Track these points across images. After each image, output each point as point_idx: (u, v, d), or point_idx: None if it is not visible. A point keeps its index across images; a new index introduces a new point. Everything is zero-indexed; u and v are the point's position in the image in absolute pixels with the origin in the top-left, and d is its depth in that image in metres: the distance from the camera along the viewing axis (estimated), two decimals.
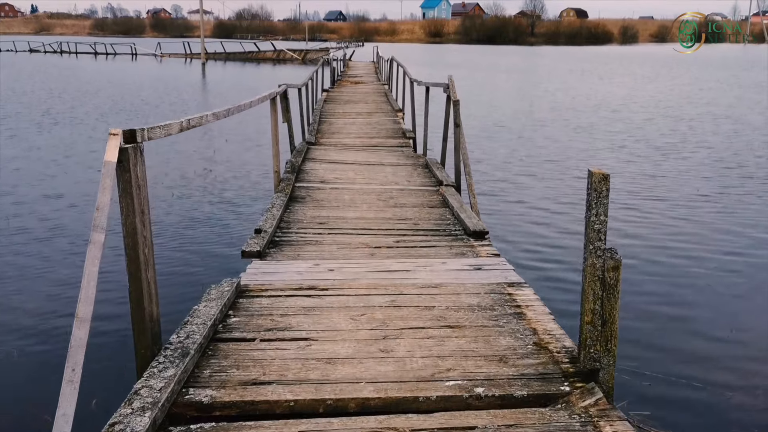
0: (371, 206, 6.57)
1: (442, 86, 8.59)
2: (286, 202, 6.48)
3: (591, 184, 2.60)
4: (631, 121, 19.00)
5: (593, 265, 2.63)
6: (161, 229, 8.14)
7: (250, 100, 5.77)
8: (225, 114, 4.62)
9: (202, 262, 7.03)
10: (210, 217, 8.96)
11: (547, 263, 7.13)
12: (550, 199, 10.07)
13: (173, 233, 8.07)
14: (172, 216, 8.90)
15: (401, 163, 9.05)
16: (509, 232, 8.24)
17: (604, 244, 2.61)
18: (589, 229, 2.62)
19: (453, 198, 6.69)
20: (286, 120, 9.64)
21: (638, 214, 9.20)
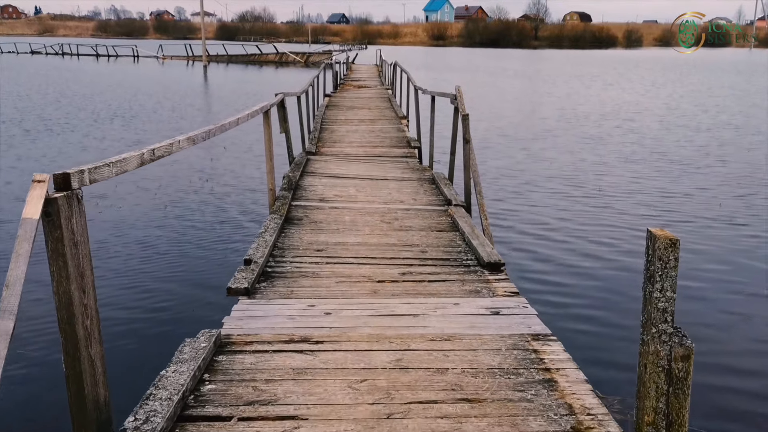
0: (374, 229, 5.99)
1: (449, 97, 8.03)
2: (281, 225, 5.90)
3: (654, 251, 2.02)
4: (644, 131, 18.07)
5: (656, 353, 2.06)
6: (144, 255, 7.53)
7: (237, 117, 5.18)
8: (204, 136, 4.04)
9: (184, 298, 6.34)
10: (200, 239, 8.26)
11: (568, 298, 6.45)
12: (566, 220, 9.32)
13: (158, 260, 7.40)
14: (160, 238, 8.25)
15: (406, 178, 8.47)
16: (523, 259, 7.55)
17: (670, 327, 2.03)
18: (650, 307, 2.04)
19: (463, 221, 6.11)
20: (283, 130, 9.10)
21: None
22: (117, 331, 5.42)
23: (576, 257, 7.69)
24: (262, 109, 6.37)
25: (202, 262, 7.30)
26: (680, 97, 28.32)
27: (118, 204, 9.85)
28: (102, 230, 8.41)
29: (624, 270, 7.26)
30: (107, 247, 7.76)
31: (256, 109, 6.12)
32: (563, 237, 8.42)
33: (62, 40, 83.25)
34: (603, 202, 10.23)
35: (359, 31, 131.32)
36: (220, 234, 8.47)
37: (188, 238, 8.24)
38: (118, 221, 8.95)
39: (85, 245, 2.27)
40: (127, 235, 8.30)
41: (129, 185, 10.88)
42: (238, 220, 9.15)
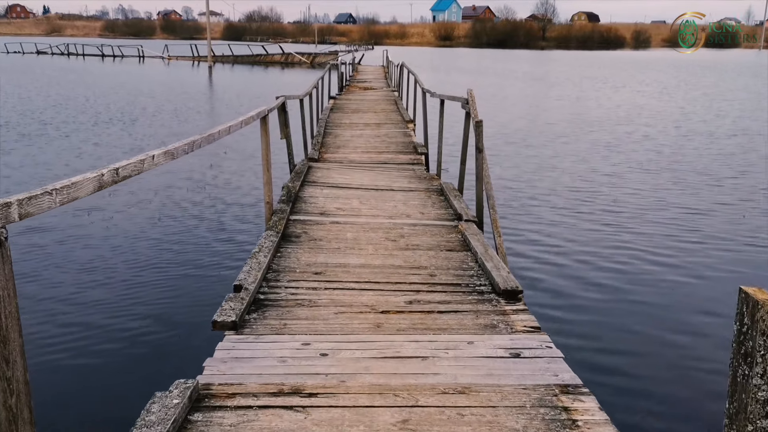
0: (378, 248, 5.50)
1: (460, 101, 7.54)
2: (277, 243, 5.42)
3: (754, 322, 1.52)
4: (661, 137, 17.28)
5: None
6: (127, 278, 6.93)
7: (229, 124, 4.70)
8: (186, 149, 3.56)
9: (168, 331, 5.71)
10: (191, 259, 7.60)
11: (594, 332, 5.88)
12: (582, 237, 8.61)
13: (141, 285, 6.75)
14: (148, 257, 7.62)
15: (413, 188, 7.98)
16: (539, 283, 6.95)
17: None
18: (744, 395, 1.54)
19: (475, 239, 5.62)
20: (284, 136, 8.65)
21: (705, 259, 7.95)
22: (82, 384, 4.90)
23: (598, 279, 7.13)
24: (258, 114, 5.90)
25: (192, 287, 6.73)
26: (695, 100, 27.60)
27: (107, 216, 9.29)
28: (86, 247, 7.88)
29: (650, 296, 6.73)
30: (85, 267, 7.21)
31: (252, 114, 5.64)
32: (580, 256, 7.84)
33: (68, 40, 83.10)
34: (621, 218, 9.60)
35: (366, 32, 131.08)
36: (214, 252, 7.87)
37: (178, 258, 7.64)
38: (105, 236, 8.37)
39: (10, 302, 1.80)
40: (114, 253, 7.75)
41: (123, 194, 10.43)
42: (234, 236, 8.57)
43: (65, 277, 6.95)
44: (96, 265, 7.29)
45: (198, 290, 6.61)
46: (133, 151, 13.98)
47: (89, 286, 6.69)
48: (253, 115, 5.60)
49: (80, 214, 9.20)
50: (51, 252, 7.68)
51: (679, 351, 5.56)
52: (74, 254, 7.66)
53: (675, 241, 8.47)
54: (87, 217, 9.15)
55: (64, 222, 8.88)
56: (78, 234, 8.43)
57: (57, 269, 7.14)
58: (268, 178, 6.16)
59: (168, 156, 3.22)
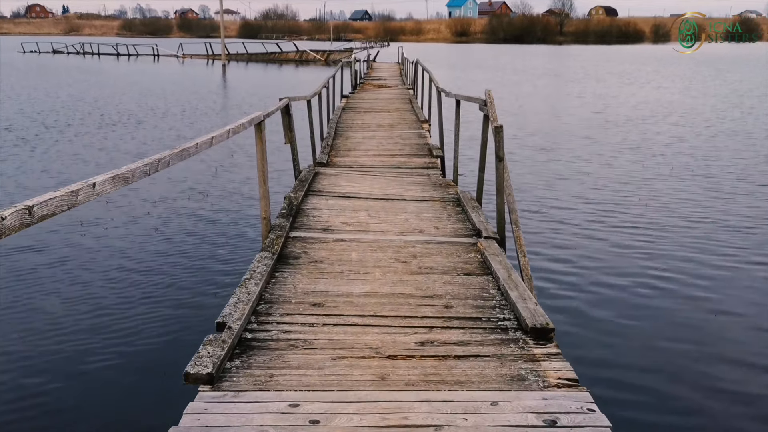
0: (386, 272, 4.86)
1: (478, 102, 6.88)
2: (272, 267, 4.80)
3: None
4: (694, 139, 16.13)
5: None
6: (98, 305, 6.15)
7: (212, 135, 4.06)
8: (148, 169, 2.94)
9: (134, 388, 4.82)
10: (177, 288, 6.66)
11: (641, 383, 5.05)
12: (615, 258, 7.64)
13: (115, 322, 5.84)
14: (129, 279, 6.84)
15: (427, 197, 7.32)
16: (569, 311, 6.13)
17: None
18: None
19: (497, 260, 4.95)
20: (289, 140, 8.06)
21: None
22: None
23: (635, 303, 6.39)
24: (251, 121, 5.27)
25: (175, 320, 5.92)
26: (725, 97, 26.34)
27: (96, 230, 8.57)
28: (66, 268, 7.15)
29: (703, 327, 5.99)
30: (59, 291, 6.49)
31: (243, 122, 5.01)
32: (611, 276, 7.05)
33: (84, 40, 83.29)
34: (654, 230, 8.71)
35: (381, 28, 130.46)
36: (206, 276, 7.00)
37: (166, 281, 6.80)
38: (91, 255, 7.59)
39: None
40: (93, 274, 6.98)
41: (127, 197, 9.88)
42: (232, 255, 7.76)
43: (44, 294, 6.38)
44: (69, 291, 6.53)
45: (182, 324, 5.86)
46: (128, 157, 13.44)
47: (54, 319, 5.91)
48: (245, 123, 4.97)
49: (71, 227, 8.63)
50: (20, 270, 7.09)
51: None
52: (50, 275, 7.03)
53: (718, 256, 7.72)
54: (79, 231, 8.55)
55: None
56: (58, 252, 7.72)
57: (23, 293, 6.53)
58: (265, 192, 5.54)
59: (118, 182, 2.60)
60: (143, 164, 2.88)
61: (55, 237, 8.16)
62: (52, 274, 6.97)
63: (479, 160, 6.95)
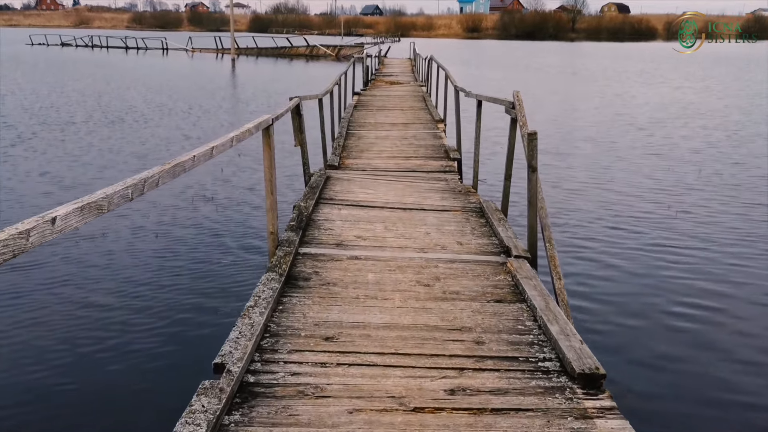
0: (407, 297, 4.33)
1: (504, 104, 6.34)
2: (280, 290, 4.28)
3: None
4: (725, 143, 15.16)
5: None
6: (79, 335, 5.46)
7: (212, 144, 3.53)
8: (131, 193, 2.42)
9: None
10: (173, 317, 5.90)
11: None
12: (651, 276, 6.98)
13: (103, 345, 5.30)
14: (124, 303, 6.13)
15: (447, 207, 6.78)
16: (614, 352, 5.37)
17: None
18: None
19: (531, 285, 4.41)
20: (299, 143, 7.56)
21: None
22: None
23: (692, 340, 5.74)
24: (259, 126, 4.75)
25: (165, 358, 5.22)
26: (750, 98, 25.27)
27: (90, 241, 7.90)
28: (45, 288, 6.46)
29: None
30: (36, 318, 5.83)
31: (249, 127, 4.49)
32: (652, 302, 6.42)
33: (93, 32, 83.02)
34: (694, 247, 7.99)
35: (392, 23, 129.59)
36: (203, 302, 6.24)
37: (157, 314, 5.98)
38: (77, 273, 6.90)
39: None
40: (76, 301, 6.24)
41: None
42: (233, 273, 7.05)
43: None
44: (51, 314, 5.92)
45: (176, 360, 5.21)
46: (127, 160, 12.93)
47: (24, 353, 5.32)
48: (251, 128, 4.44)
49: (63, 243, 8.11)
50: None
51: None
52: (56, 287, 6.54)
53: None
54: (68, 243, 7.99)
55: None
56: (45, 266, 7.13)
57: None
58: (272, 203, 5.02)
59: (88, 213, 2.08)
60: (123, 187, 2.36)
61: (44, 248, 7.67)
62: (38, 290, 6.47)
63: (505, 167, 6.41)
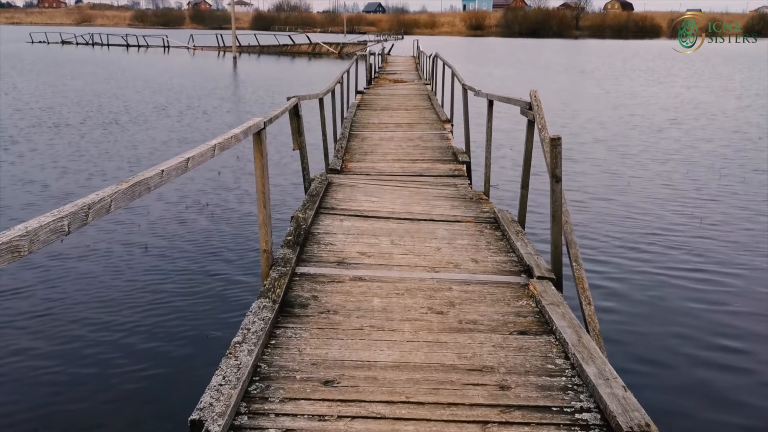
0: (418, 329, 3.80)
1: (519, 105, 5.81)
2: (273, 320, 3.75)
3: None
4: (749, 150, 14.22)
5: None
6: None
7: (188, 155, 2.97)
8: (111, 203, 1.90)
9: None
10: (150, 352, 5.18)
11: None
12: (684, 300, 6.33)
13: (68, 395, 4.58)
14: (80, 348, 5.28)
15: (459, 217, 6.24)
16: (659, 392, 4.78)
17: None
18: None
19: (559, 314, 3.87)
20: (298, 146, 7.05)
21: None
22: None
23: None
24: (248, 131, 4.20)
25: (136, 419, 4.43)
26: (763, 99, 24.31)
27: (73, 254, 7.27)
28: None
29: None
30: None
31: (236, 132, 3.93)
32: (687, 330, 5.78)
33: (94, 30, 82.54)
34: (723, 262, 7.37)
35: (395, 21, 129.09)
36: (188, 335, 5.48)
37: (135, 350, 5.23)
38: (53, 294, 6.26)
39: None
40: (50, 328, 5.62)
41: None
42: (226, 297, 6.23)
43: None
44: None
45: (156, 409, 4.50)
46: (116, 164, 12.39)
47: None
48: (238, 134, 3.90)
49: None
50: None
51: None
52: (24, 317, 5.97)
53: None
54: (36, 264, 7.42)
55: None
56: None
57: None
58: (266, 218, 4.48)
59: (8, 254, 1.54)
60: (55, 219, 1.81)
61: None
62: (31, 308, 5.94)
63: (522, 174, 5.88)
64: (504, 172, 11.00)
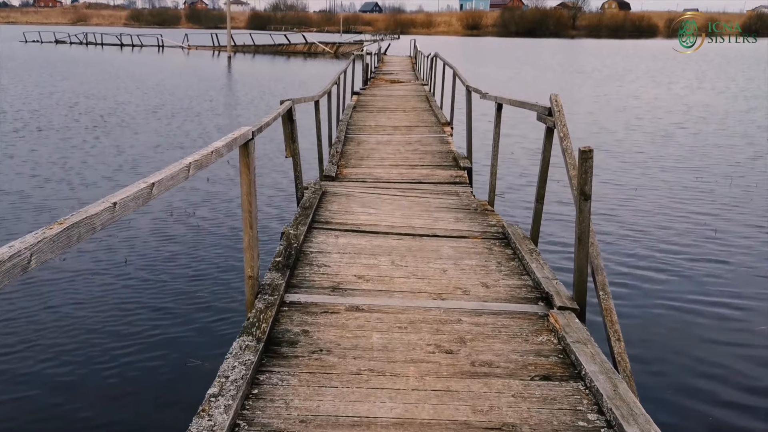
0: (425, 373, 3.27)
1: (537, 110, 5.30)
2: (256, 364, 3.21)
3: None
4: (757, 151, 13.68)
5: None
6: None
7: (153, 180, 2.44)
8: (29, 257, 1.37)
9: None
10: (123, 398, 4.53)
11: None
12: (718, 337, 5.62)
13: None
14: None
15: (464, 232, 5.71)
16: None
17: None
18: None
19: (587, 355, 3.34)
20: (290, 154, 6.54)
21: None
22: None
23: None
24: (232, 144, 3.66)
25: None
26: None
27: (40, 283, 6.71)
28: None
29: None
30: None
31: (218, 146, 3.40)
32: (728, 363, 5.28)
33: (88, 29, 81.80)
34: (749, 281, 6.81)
35: (392, 20, 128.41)
36: (157, 393, 4.69)
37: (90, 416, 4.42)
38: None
39: None
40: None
41: None
42: (207, 331, 5.54)
43: None
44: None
45: None
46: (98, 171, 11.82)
47: None
48: (221, 147, 3.36)
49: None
50: None
51: None
52: None
53: None
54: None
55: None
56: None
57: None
58: (252, 240, 3.95)
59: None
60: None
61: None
62: None
63: (537, 186, 5.35)
64: (504, 178, 10.46)
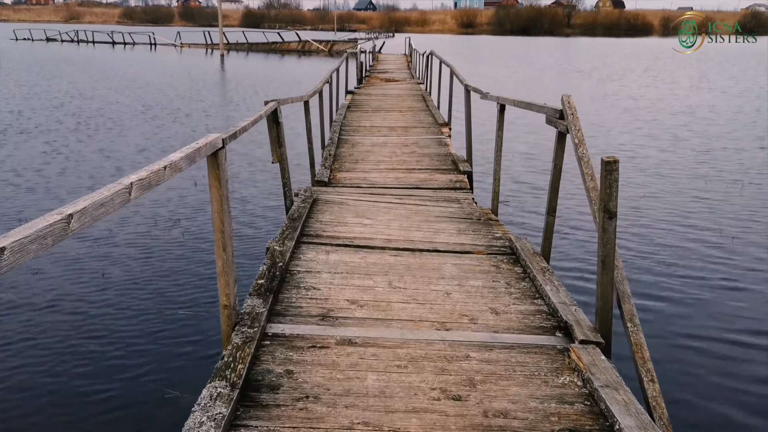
0: (429, 427, 2.75)
1: (546, 112, 4.79)
2: (228, 419, 2.69)
3: None
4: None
5: None
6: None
7: (84, 203, 1.93)
8: None
9: None
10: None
11: None
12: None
13: None
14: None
15: (468, 246, 5.20)
16: None
17: None
18: None
19: (621, 405, 2.83)
20: (277, 159, 6.03)
21: None
22: None
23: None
24: (192, 156, 3.13)
25: None
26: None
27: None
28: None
29: None
30: None
31: (174, 159, 2.85)
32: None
33: (80, 27, 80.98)
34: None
35: (386, 19, 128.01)
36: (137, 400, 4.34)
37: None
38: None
39: None
40: None
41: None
42: (181, 371, 4.89)
43: None
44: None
45: None
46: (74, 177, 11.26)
47: None
48: (177, 161, 2.82)
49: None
50: None
51: None
52: None
53: None
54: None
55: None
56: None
57: None
58: (226, 264, 3.43)
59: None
60: None
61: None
62: None
63: (548, 198, 4.84)
64: (506, 184, 9.94)
